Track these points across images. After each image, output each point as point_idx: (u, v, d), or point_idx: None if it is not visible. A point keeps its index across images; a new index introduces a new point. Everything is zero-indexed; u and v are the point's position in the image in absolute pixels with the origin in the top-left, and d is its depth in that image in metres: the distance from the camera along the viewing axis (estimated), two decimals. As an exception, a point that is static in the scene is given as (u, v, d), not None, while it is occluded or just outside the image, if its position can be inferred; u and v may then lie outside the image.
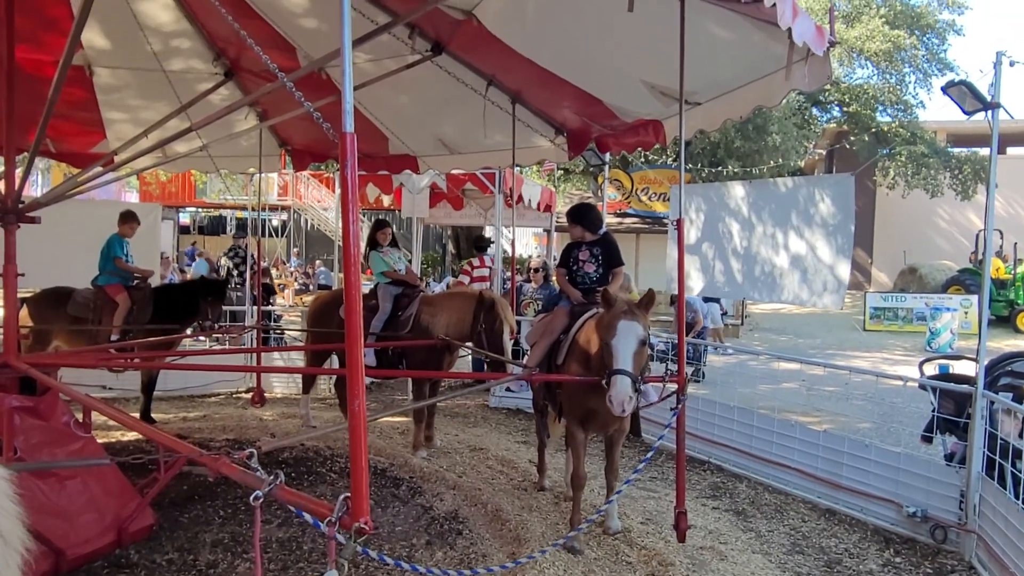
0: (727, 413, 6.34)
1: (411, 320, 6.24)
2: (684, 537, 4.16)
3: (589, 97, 5.29)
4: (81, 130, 7.34)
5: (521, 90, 5.72)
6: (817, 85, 3.81)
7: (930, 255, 25.11)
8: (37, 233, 4.55)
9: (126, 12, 5.48)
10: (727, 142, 19.87)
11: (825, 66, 3.64)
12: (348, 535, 2.04)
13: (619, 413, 3.82)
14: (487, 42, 4.69)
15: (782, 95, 4.25)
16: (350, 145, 2.08)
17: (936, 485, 4.79)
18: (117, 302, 6.74)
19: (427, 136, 7.09)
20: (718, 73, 4.47)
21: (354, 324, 2.14)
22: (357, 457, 2.09)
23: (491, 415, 8.05)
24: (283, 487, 2.28)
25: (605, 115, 5.57)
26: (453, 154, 7.34)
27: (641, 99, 5.03)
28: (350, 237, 2.14)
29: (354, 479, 2.10)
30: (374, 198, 15.30)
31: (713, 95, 4.73)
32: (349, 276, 2.16)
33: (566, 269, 5.02)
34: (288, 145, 8.13)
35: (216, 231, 34.95)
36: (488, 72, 5.46)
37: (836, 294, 5.84)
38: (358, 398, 2.11)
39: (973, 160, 23.39)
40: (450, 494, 5.31)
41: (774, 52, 3.77)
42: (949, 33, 23.69)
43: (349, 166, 2.08)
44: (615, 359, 3.86)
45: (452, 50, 5.22)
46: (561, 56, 4.87)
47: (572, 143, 6.32)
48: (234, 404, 8.32)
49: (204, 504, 4.97)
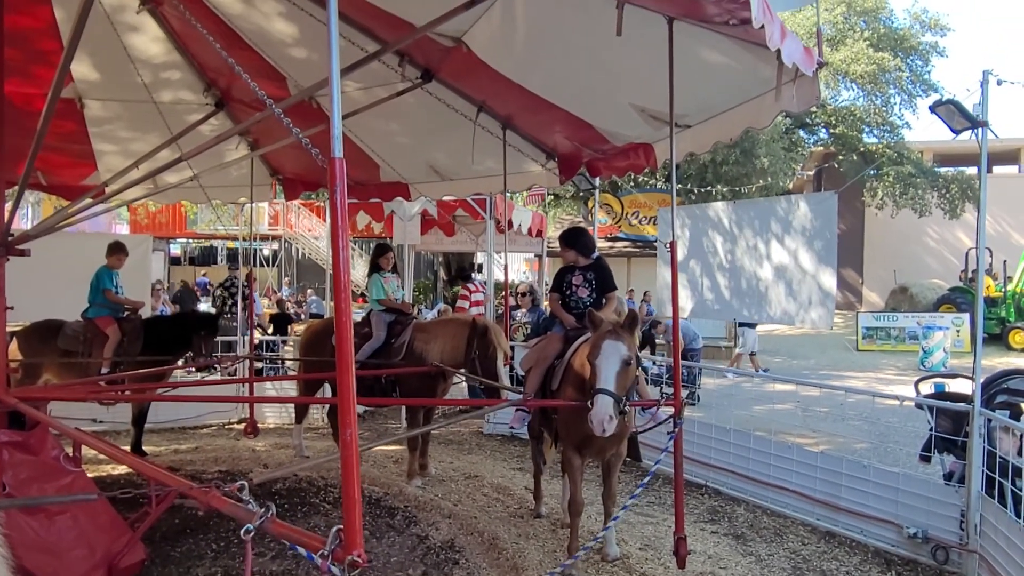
0: (723, 436, 6.30)
1: (404, 347, 6.21)
2: (684, 563, 4.12)
3: (579, 122, 5.31)
4: (72, 162, 7.32)
5: (512, 115, 5.74)
6: (806, 106, 3.82)
7: (920, 274, 25.29)
8: (26, 266, 4.50)
9: (117, 45, 5.50)
10: (715, 165, 20.04)
11: (814, 87, 3.66)
12: (342, 568, 2.00)
13: (599, 433, 3.76)
14: (477, 68, 4.71)
15: (772, 117, 4.26)
16: (339, 170, 2.06)
17: (936, 505, 4.76)
18: (107, 334, 6.68)
19: (419, 163, 7.11)
20: (708, 96, 4.49)
21: (345, 352, 2.11)
22: (349, 488, 2.05)
23: (486, 442, 7.98)
24: (274, 520, 2.24)
25: (596, 139, 5.60)
26: (444, 180, 7.35)
27: (631, 123, 5.06)
28: (340, 263, 2.11)
29: (346, 511, 2.05)
30: (364, 225, 15.32)
31: (703, 118, 4.75)
32: (340, 303, 2.12)
33: (559, 294, 4.97)
34: (279, 174, 8.14)
35: (207, 261, 34.90)
36: (479, 98, 5.48)
37: (823, 307, 5.84)
38: (350, 427, 2.08)
39: (960, 179, 23.68)
40: (446, 523, 5.24)
41: (763, 74, 3.79)
42: (932, 55, 24.10)
43: (339, 191, 2.07)
44: (597, 378, 3.83)
45: (442, 77, 5.24)
46: (551, 81, 4.89)
47: (563, 168, 6.34)
48: (226, 435, 8.23)
49: (196, 538, 4.89)
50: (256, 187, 7.39)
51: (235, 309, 10.93)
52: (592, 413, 3.74)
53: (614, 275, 5.04)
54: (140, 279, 8.74)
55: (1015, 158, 29.12)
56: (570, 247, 4.97)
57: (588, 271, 4.93)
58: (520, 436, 7.66)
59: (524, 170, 6.64)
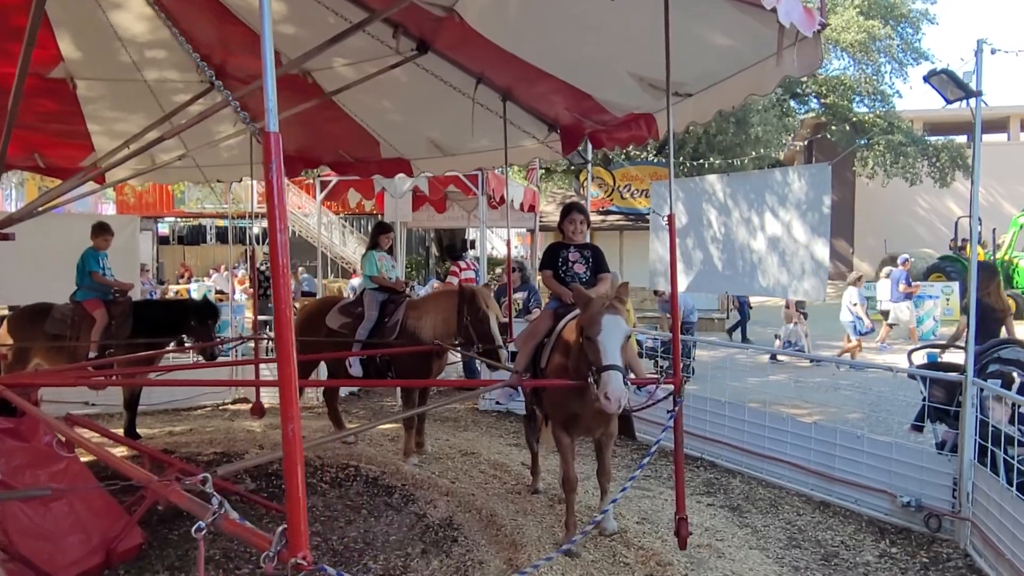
0: (718, 408, 6.33)
1: (398, 326, 6.17)
2: (685, 544, 4.05)
3: (578, 92, 5.18)
4: (69, 144, 7.20)
5: (511, 88, 5.59)
6: (809, 70, 3.68)
7: (911, 243, 25.36)
8: (12, 249, 4.44)
9: (104, 23, 5.38)
10: (709, 136, 19.96)
11: (816, 50, 3.53)
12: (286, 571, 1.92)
13: (615, 410, 3.69)
14: (473, 39, 4.57)
15: (774, 82, 4.12)
16: (274, 145, 1.96)
17: (929, 474, 4.80)
18: (95, 317, 6.61)
19: (419, 139, 6.98)
20: (707, 63, 4.35)
21: (285, 340, 1.98)
22: (293, 489, 1.96)
23: (481, 418, 8.00)
24: (227, 517, 2.14)
25: (595, 110, 5.46)
26: (446, 156, 7.23)
27: (631, 93, 4.91)
28: (278, 247, 1.97)
29: (290, 511, 1.96)
30: (355, 203, 15.18)
31: (704, 86, 4.60)
32: (279, 290, 1.97)
33: (552, 270, 4.86)
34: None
35: (196, 240, 34.60)
36: (477, 70, 5.34)
37: (816, 278, 5.81)
38: (292, 422, 1.96)
39: (950, 148, 23.68)
40: (443, 500, 5.26)
41: (764, 38, 3.64)
42: (923, 22, 23.93)
43: (274, 168, 1.96)
44: (603, 355, 3.71)
45: (438, 48, 5.09)
46: (546, 51, 4.75)
47: (565, 140, 6.18)
48: (221, 416, 8.22)
49: (193, 521, 4.87)
50: (256, 165, 7.27)
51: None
52: (607, 391, 3.61)
53: (606, 249, 5.01)
54: (128, 260, 8.66)
55: (1004, 126, 29.17)
56: (581, 212, 4.92)
57: (585, 249, 4.88)
58: (516, 412, 7.68)
59: (526, 143, 6.51)
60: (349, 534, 4.66)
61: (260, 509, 4.99)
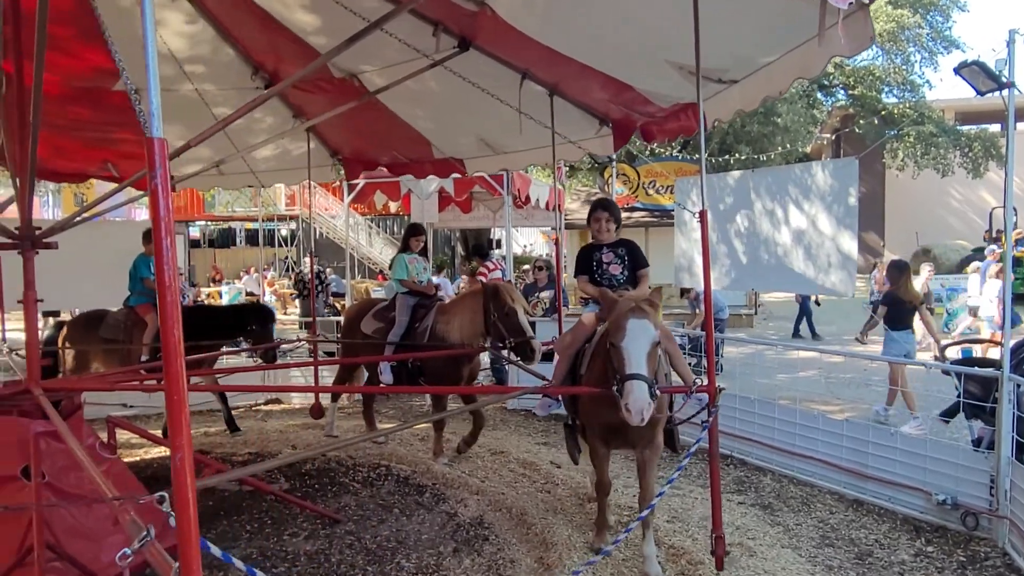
0: (747, 406, 6.30)
1: (428, 332, 6.17)
2: (722, 564, 3.88)
3: (618, 83, 5.03)
4: (137, 153, 7.38)
5: (557, 83, 5.48)
6: (859, 49, 3.46)
7: (943, 235, 24.94)
8: (54, 257, 4.56)
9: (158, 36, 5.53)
10: (736, 127, 19.80)
11: (866, 25, 3.30)
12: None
13: (637, 422, 3.43)
14: (510, 34, 4.49)
15: (822, 64, 3.88)
16: (159, 151, 1.84)
17: (965, 471, 4.74)
18: (146, 321, 6.78)
19: (469, 138, 6.96)
20: (747, 47, 4.19)
21: (173, 363, 1.83)
22: (185, 522, 1.86)
23: (510, 417, 8.04)
24: (153, 544, 2.08)
25: (639, 101, 5.30)
26: (497, 154, 7.19)
27: (672, 82, 4.72)
28: (163, 261, 1.83)
29: (183, 557, 1.86)
30: (382, 204, 15.33)
31: (748, 71, 4.41)
32: (164, 307, 1.82)
33: (587, 275, 4.60)
34: (339, 155, 8.10)
35: (226, 243, 35.13)
36: (521, 66, 5.25)
37: (844, 271, 5.74)
38: (180, 451, 1.83)
39: (983, 137, 23.24)
40: (474, 499, 5.31)
41: (805, 16, 3.40)
42: (953, 10, 23.52)
43: (159, 176, 1.83)
44: (627, 363, 3.49)
45: (480, 45, 5.02)
46: (581, 41, 4.63)
47: (616, 135, 6.01)
48: (254, 417, 8.35)
49: (231, 519, 4.99)
50: (316, 168, 7.37)
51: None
52: (628, 402, 3.40)
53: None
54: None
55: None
56: (606, 210, 4.68)
57: (618, 247, 4.63)
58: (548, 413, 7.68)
59: (578, 138, 6.35)
60: (382, 533, 4.73)
61: (294, 508, 5.08)
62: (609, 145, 6.09)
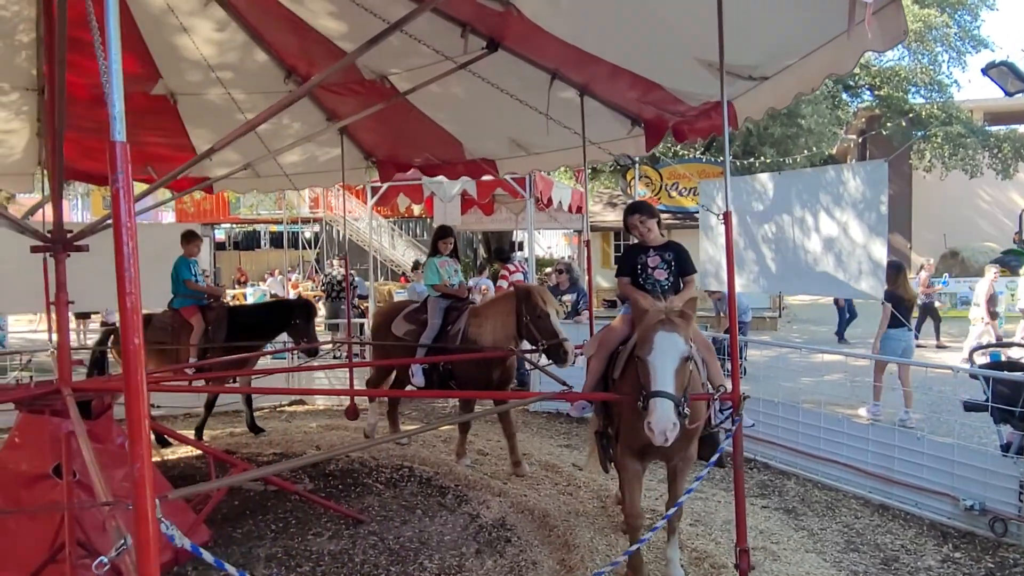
0: (771, 409, 6.26)
1: (460, 335, 6.16)
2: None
3: (647, 82, 4.97)
4: (180, 156, 7.50)
5: (587, 83, 5.42)
6: (892, 42, 3.35)
7: (972, 237, 24.54)
8: (85, 260, 4.65)
9: (174, 45, 5.64)
10: (759, 129, 19.66)
11: (898, 19, 3.22)
12: None
13: (660, 443, 3.23)
14: (538, 34, 4.47)
15: (855, 59, 3.77)
16: (120, 154, 1.80)
17: (993, 477, 4.67)
18: (192, 324, 6.89)
19: (500, 139, 6.96)
20: (777, 42, 4.12)
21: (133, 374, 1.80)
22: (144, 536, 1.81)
23: (532, 419, 8.05)
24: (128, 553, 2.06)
25: (669, 100, 5.23)
26: (530, 155, 7.19)
27: (700, 80, 4.58)
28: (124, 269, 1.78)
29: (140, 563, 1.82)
30: (405, 207, 15.41)
31: (779, 67, 4.30)
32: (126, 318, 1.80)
33: (630, 277, 4.33)
34: (373, 157, 8.17)
35: (251, 246, 35.52)
36: (551, 66, 5.23)
37: (873, 277, 5.70)
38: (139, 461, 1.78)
39: (1013, 138, 22.82)
40: (496, 501, 5.33)
41: (835, 10, 3.27)
42: (981, 9, 23.17)
43: (121, 180, 1.79)
44: (653, 379, 3.28)
45: (508, 45, 5.01)
46: (606, 39, 4.57)
47: (648, 135, 5.94)
48: (278, 417, 8.44)
49: (256, 519, 5.05)
50: (349, 171, 7.45)
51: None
52: (651, 420, 3.20)
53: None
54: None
55: (1070, 113, 27.96)
56: (638, 211, 4.40)
57: (666, 251, 4.32)
58: (566, 412, 7.68)
59: (610, 138, 6.27)
60: (404, 533, 4.76)
61: (318, 508, 5.13)
62: (641, 145, 6.01)
